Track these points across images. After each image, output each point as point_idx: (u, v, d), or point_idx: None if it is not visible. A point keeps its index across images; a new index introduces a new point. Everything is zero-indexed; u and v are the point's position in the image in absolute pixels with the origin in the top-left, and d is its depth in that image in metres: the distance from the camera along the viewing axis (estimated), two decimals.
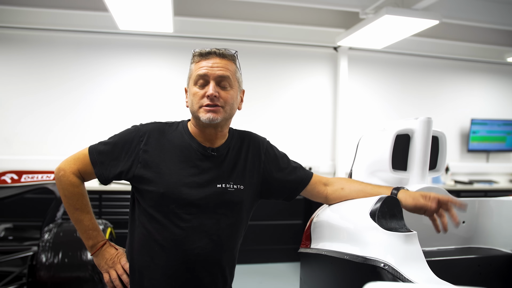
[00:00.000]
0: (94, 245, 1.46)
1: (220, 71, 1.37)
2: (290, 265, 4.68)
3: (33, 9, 4.30)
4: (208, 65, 1.38)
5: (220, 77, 1.37)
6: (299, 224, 4.78)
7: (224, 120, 1.40)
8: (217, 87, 1.37)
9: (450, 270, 1.42)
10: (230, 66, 1.41)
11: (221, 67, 1.38)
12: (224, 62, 1.39)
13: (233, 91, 1.41)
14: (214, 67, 1.37)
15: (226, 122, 1.44)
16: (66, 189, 1.42)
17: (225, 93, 1.38)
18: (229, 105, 1.40)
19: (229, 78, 1.39)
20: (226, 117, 1.40)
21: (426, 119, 1.57)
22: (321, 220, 1.60)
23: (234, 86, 1.42)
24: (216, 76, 1.37)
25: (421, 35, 4.71)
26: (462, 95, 5.71)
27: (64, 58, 4.59)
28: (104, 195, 4.12)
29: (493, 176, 5.70)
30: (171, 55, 4.83)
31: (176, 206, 1.37)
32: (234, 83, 1.42)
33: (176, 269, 1.37)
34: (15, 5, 4.26)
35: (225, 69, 1.38)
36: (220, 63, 1.38)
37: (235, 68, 1.43)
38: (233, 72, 1.41)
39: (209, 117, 1.36)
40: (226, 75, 1.38)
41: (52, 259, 2.54)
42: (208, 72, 1.37)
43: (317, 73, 5.26)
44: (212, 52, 1.39)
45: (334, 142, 5.29)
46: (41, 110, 4.57)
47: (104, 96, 4.69)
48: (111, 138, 1.48)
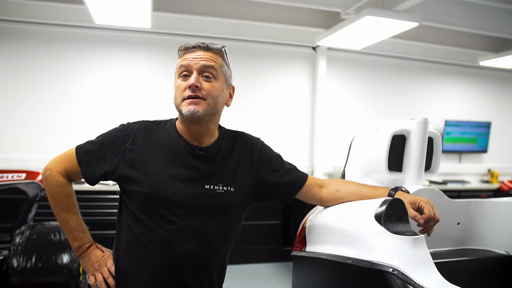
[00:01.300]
0: (80, 247, 1.41)
1: (203, 61, 1.32)
2: (269, 265, 4.65)
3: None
4: (192, 57, 1.33)
5: (203, 66, 1.32)
6: (278, 225, 4.75)
7: (207, 114, 1.33)
8: (200, 78, 1.32)
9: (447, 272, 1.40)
10: (216, 58, 1.36)
11: (205, 58, 1.33)
12: (208, 54, 1.35)
13: (217, 84, 1.35)
14: (197, 58, 1.33)
15: (211, 117, 1.37)
16: (53, 189, 1.38)
17: (208, 85, 1.32)
18: (212, 97, 1.33)
19: (213, 68, 1.33)
20: (210, 110, 1.33)
21: (423, 120, 1.56)
22: (317, 223, 1.55)
23: (219, 78, 1.35)
24: (199, 66, 1.32)
25: (399, 37, 4.76)
26: (437, 96, 5.82)
27: (37, 52, 4.38)
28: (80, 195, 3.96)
29: (465, 177, 5.84)
30: (148, 52, 4.70)
31: (162, 207, 1.31)
32: (219, 75, 1.36)
33: (161, 273, 1.32)
34: None
35: (209, 60, 1.33)
36: (204, 54, 1.34)
37: (221, 62, 1.38)
38: (219, 64, 1.36)
39: (190, 110, 1.30)
40: (209, 64, 1.33)
41: (24, 264, 2.42)
42: (191, 63, 1.32)
43: (295, 72, 5.25)
44: (197, 46, 1.35)
45: (312, 142, 5.29)
46: (11, 106, 4.35)
47: (78, 92, 4.51)
48: (98, 137, 1.42)
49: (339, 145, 5.26)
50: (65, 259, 2.48)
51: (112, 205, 4.10)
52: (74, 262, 2.49)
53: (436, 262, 1.43)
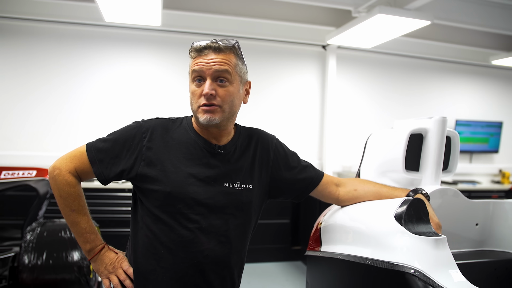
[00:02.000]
0: (91, 249, 1.36)
1: (216, 66, 1.27)
2: (278, 264, 4.64)
3: None
4: (204, 61, 1.27)
5: (216, 71, 1.27)
6: (287, 224, 4.73)
7: (224, 120, 1.31)
8: (215, 84, 1.27)
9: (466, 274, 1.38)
10: (229, 59, 1.29)
11: (218, 62, 1.27)
12: (221, 57, 1.28)
13: (232, 87, 1.30)
14: (209, 63, 1.27)
15: (229, 120, 1.35)
16: (62, 189, 1.31)
17: (223, 91, 1.28)
18: (227, 103, 1.30)
19: (227, 71, 1.28)
20: (226, 116, 1.31)
21: (441, 119, 1.52)
22: (334, 222, 1.53)
23: (234, 81, 1.31)
24: (212, 71, 1.26)
25: (409, 35, 4.72)
26: (448, 96, 5.76)
27: (47, 50, 4.39)
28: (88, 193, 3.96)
29: (476, 177, 5.78)
30: (158, 50, 4.69)
31: (183, 206, 1.29)
32: (234, 77, 1.31)
33: (185, 273, 1.30)
34: None
35: (222, 63, 1.27)
36: (216, 58, 1.27)
37: (235, 61, 1.31)
38: (232, 66, 1.30)
39: (207, 118, 1.27)
40: (223, 68, 1.27)
41: (35, 261, 2.42)
42: (203, 68, 1.27)
43: (305, 71, 5.22)
44: (207, 46, 1.28)
45: (321, 141, 5.26)
46: (22, 104, 4.36)
47: (89, 90, 4.52)
48: (110, 134, 1.37)
49: (349, 144, 5.23)
50: (76, 256, 2.48)
51: (120, 202, 4.10)
52: (85, 259, 2.49)
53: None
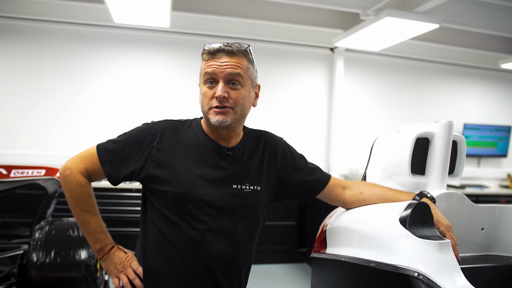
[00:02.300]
0: (101, 249, 1.38)
1: (229, 69, 1.29)
2: (283, 266, 4.64)
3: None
4: (217, 64, 1.29)
5: (229, 75, 1.29)
6: (293, 225, 4.74)
7: (235, 121, 1.34)
8: (227, 87, 1.30)
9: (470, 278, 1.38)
10: (242, 62, 1.32)
11: (231, 65, 1.29)
12: (234, 60, 1.30)
13: (244, 90, 1.33)
14: (222, 66, 1.29)
15: (239, 122, 1.38)
16: (73, 190, 1.34)
17: (235, 93, 1.31)
18: (239, 105, 1.32)
19: (240, 75, 1.30)
20: (237, 118, 1.33)
21: (448, 123, 1.53)
22: (339, 225, 1.54)
23: (245, 84, 1.34)
24: (225, 74, 1.29)
25: (418, 38, 4.69)
26: (456, 99, 5.73)
27: (57, 50, 4.44)
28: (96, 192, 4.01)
29: (484, 181, 5.74)
30: (167, 51, 4.72)
31: (193, 207, 1.31)
32: (246, 80, 1.34)
33: (193, 273, 1.32)
34: None
35: (235, 67, 1.30)
36: (229, 61, 1.30)
37: (247, 65, 1.34)
38: (244, 69, 1.32)
39: (219, 120, 1.29)
40: (236, 72, 1.29)
41: (43, 258, 2.45)
42: (216, 71, 1.29)
43: (313, 73, 5.22)
44: (220, 49, 1.30)
45: (328, 144, 5.25)
46: (32, 103, 4.41)
47: (98, 90, 4.56)
48: (120, 136, 1.40)
49: (356, 147, 5.22)
50: (83, 255, 2.50)
51: (127, 202, 4.13)
52: (92, 258, 2.51)
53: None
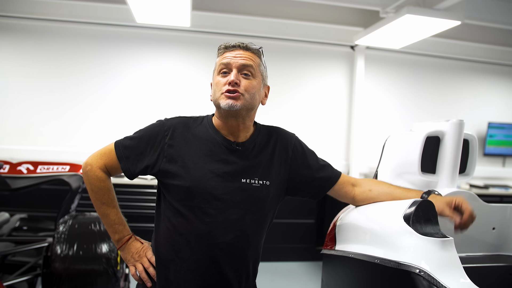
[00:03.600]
0: (120, 239, 1.47)
1: (242, 60, 1.38)
2: (301, 264, 4.66)
3: (50, 0, 4.30)
4: (232, 55, 1.39)
5: (242, 65, 1.37)
6: (312, 224, 4.75)
7: (244, 108, 1.38)
8: (239, 75, 1.37)
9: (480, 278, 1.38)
10: (254, 58, 1.41)
11: (245, 57, 1.39)
12: (248, 54, 1.40)
13: (255, 81, 1.40)
14: (237, 57, 1.38)
15: (248, 112, 1.42)
16: (93, 184, 1.43)
17: (246, 82, 1.38)
18: (249, 93, 1.38)
19: (252, 67, 1.39)
20: (246, 105, 1.38)
21: (458, 122, 1.53)
22: (348, 222, 1.56)
23: (256, 77, 1.41)
24: (239, 64, 1.37)
25: (440, 35, 4.63)
26: (480, 98, 5.62)
27: (81, 50, 4.59)
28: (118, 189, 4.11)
29: (509, 181, 5.61)
30: (188, 50, 4.81)
31: (201, 201, 1.36)
32: (257, 74, 1.41)
33: (201, 264, 1.37)
34: None
35: (248, 59, 1.39)
36: (243, 54, 1.40)
37: (259, 61, 1.43)
38: (256, 64, 1.41)
39: (229, 103, 1.34)
40: (248, 63, 1.38)
41: (67, 251, 2.53)
42: (231, 61, 1.38)
43: (333, 72, 5.21)
44: (236, 45, 1.41)
45: (348, 142, 5.24)
46: (57, 102, 4.57)
47: (120, 89, 4.68)
48: (136, 133, 1.47)
49: (376, 145, 5.17)
50: (104, 248, 2.58)
51: (149, 199, 4.23)
52: (113, 252, 2.59)
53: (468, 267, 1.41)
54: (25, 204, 3.96)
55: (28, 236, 3.11)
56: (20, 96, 4.52)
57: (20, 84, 4.51)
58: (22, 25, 4.46)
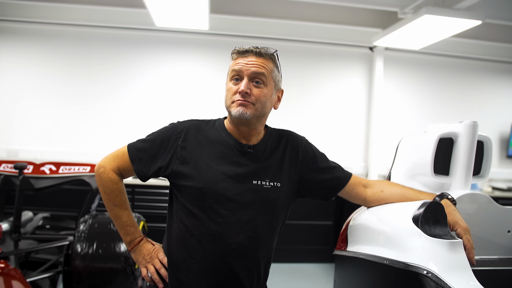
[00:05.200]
0: (131, 241, 1.49)
1: (254, 68, 1.38)
2: (319, 265, 4.64)
3: (71, 6, 4.42)
4: (244, 62, 1.39)
5: (254, 73, 1.38)
6: (330, 225, 4.73)
7: (254, 117, 1.40)
8: (250, 84, 1.38)
9: (493, 281, 1.37)
10: (267, 64, 1.41)
11: (257, 65, 1.38)
12: (260, 60, 1.40)
13: (266, 89, 1.41)
14: (249, 64, 1.38)
15: (258, 120, 1.44)
16: (106, 186, 1.45)
17: (257, 91, 1.38)
18: (260, 102, 1.39)
19: (264, 75, 1.39)
20: (257, 114, 1.40)
21: (472, 123, 1.51)
22: (359, 223, 1.56)
23: (268, 84, 1.41)
24: (250, 72, 1.38)
25: (460, 35, 4.55)
26: (503, 98, 5.48)
27: (102, 54, 4.71)
28: (137, 189, 4.20)
29: None
30: (206, 52, 4.86)
31: (213, 201, 1.38)
32: (269, 81, 1.41)
33: (213, 264, 1.39)
34: (55, 2, 4.38)
35: (260, 67, 1.38)
36: (256, 61, 1.39)
37: (272, 67, 1.42)
38: (269, 70, 1.41)
39: (239, 111, 1.37)
40: (260, 71, 1.38)
41: (87, 249, 2.60)
42: (242, 68, 1.38)
43: (351, 73, 5.18)
44: (249, 50, 1.40)
45: (367, 144, 5.20)
46: (79, 104, 4.69)
47: (139, 91, 4.77)
48: (149, 135, 1.50)
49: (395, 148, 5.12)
50: (123, 247, 2.63)
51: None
52: None
53: (482, 270, 1.40)
54: (48, 203, 4.08)
55: (50, 234, 3.21)
56: (43, 99, 4.65)
57: (43, 87, 4.65)
58: (46, 30, 4.59)
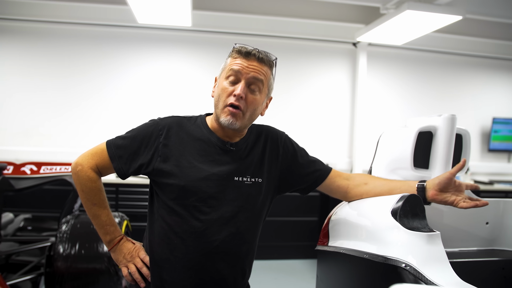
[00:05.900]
0: (111, 240, 1.46)
1: (254, 73, 1.36)
2: (305, 262, 4.66)
3: (50, 2, 4.34)
4: (244, 64, 1.37)
5: (253, 78, 1.37)
6: (315, 221, 4.75)
7: (242, 126, 1.40)
8: (246, 89, 1.37)
9: (472, 272, 1.38)
10: (266, 71, 1.40)
11: (257, 70, 1.37)
12: (261, 66, 1.38)
13: (260, 97, 1.40)
14: (249, 68, 1.36)
15: (245, 127, 1.45)
16: (84, 184, 1.41)
17: (251, 97, 1.38)
18: (250, 110, 1.39)
19: (262, 82, 1.38)
20: (245, 123, 1.40)
21: (450, 116, 1.52)
22: (340, 217, 1.57)
23: (263, 92, 1.41)
24: (249, 77, 1.36)
25: (442, 31, 4.59)
26: (484, 93, 5.57)
27: (83, 51, 4.63)
28: (121, 188, 4.15)
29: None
30: (189, 49, 4.83)
31: (196, 199, 1.37)
32: (264, 89, 1.41)
33: (196, 262, 1.37)
34: None
35: (260, 73, 1.38)
36: (257, 66, 1.38)
37: (270, 75, 1.43)
38: (267, 78, 1.41)
39: (229, 121, 1.36)
40: (259, 78, 1.37)
41: (69, 250, 2.57)
42: (242, 71, 1.36)
43: (335, 69, 5.20)
44: (252, 53, 1.38)
45: (351, 139, 5.23)
46: (60, 103, 4.61)
47: (122, 89, 4.72)
48: (129, 132, 1.47)
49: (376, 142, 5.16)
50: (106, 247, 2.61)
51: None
52: None
53: (461, 262, 1.42)
54: (29, 204, 4.01)
55: (32, 235, 3.16)
56: (24, 98, 4.56)
57: (23, 86, 4.56)
58: (23, 28, 4.50)
